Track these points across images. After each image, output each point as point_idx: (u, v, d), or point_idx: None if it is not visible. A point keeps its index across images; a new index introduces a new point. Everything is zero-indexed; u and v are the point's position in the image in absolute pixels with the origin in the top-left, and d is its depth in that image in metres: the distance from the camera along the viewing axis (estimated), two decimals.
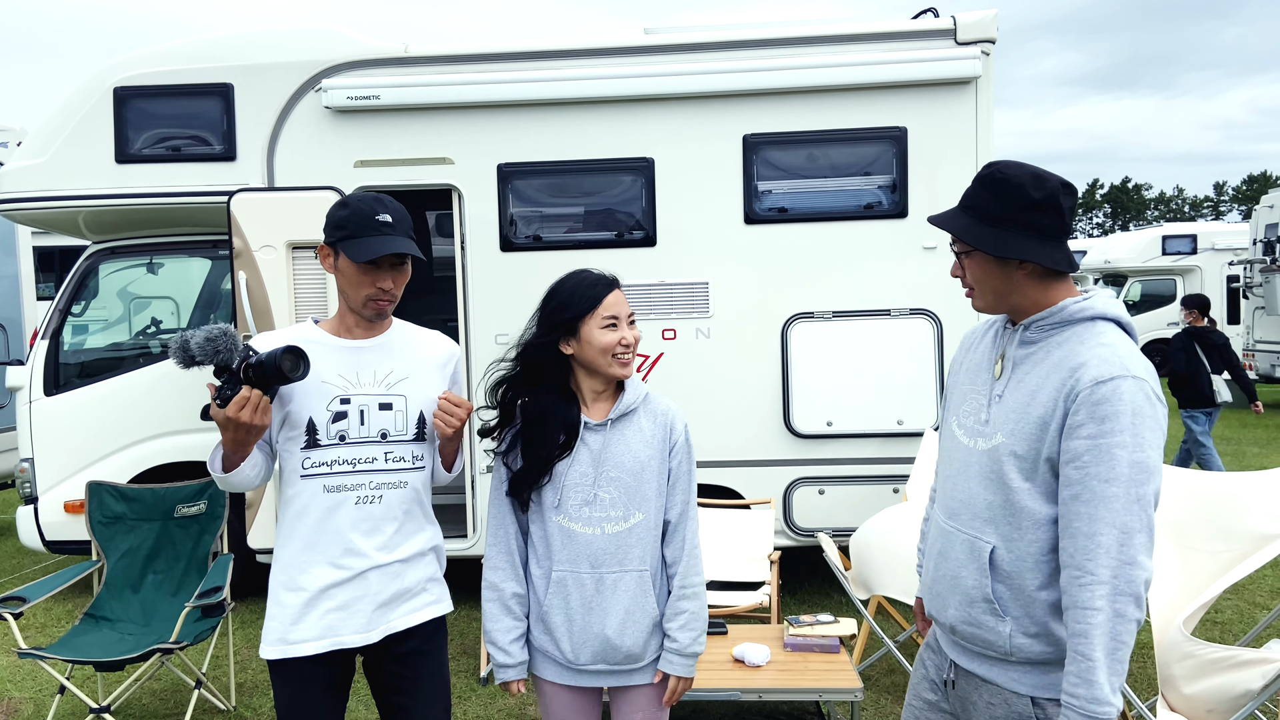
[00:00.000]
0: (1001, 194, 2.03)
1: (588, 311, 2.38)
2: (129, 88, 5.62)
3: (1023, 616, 2.01)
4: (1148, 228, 26.24)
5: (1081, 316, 2.02)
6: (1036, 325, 2.06)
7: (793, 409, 5.55)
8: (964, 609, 2.08)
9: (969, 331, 2.36)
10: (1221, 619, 5.48)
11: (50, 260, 12.94)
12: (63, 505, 5.94)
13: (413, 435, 2.49)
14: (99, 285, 6.25)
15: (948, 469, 2.20)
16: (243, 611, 5.88)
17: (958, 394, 2.23)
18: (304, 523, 2.41)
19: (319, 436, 2.39)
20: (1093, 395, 1.89)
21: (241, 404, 2.23)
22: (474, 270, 5.63)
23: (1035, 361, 2.03)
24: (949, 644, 2.20)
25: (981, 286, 2.10)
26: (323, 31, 5.64)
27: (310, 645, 2.39)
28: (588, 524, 2.39)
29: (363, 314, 2.46)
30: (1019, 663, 2.03)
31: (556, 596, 2.41)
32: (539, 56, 5.52)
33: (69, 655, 4.09)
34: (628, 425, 2.45)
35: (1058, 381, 1.96)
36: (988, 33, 5.39)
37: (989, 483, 2.05)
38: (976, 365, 2.20)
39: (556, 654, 2.44)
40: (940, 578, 2.16)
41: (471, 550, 5.59)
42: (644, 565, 2.42)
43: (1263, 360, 14.88)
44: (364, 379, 2.45)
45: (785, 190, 5.58)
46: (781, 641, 4.00)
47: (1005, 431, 2.02)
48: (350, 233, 2.37)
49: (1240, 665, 3.22)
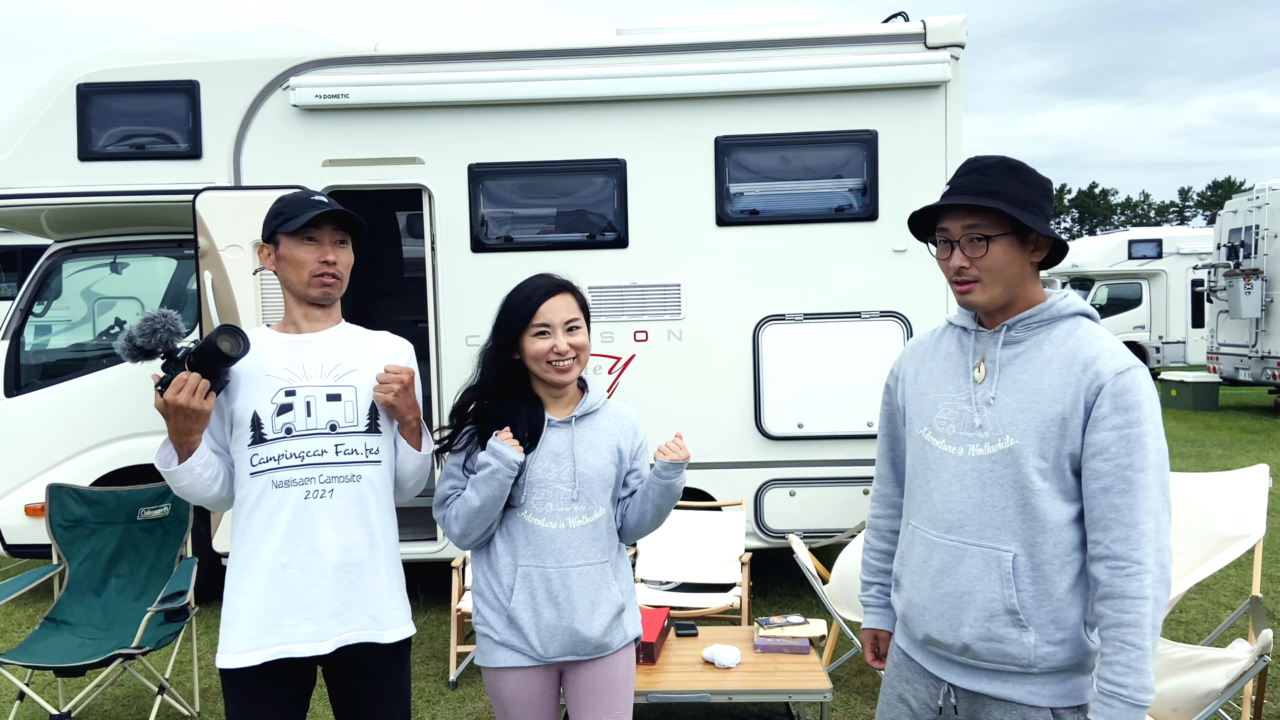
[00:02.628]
0: (1025, 180, 2.00)
1: (524, 323, 2.40)
2: (92, 84, 5.53)
3: (1048, 624, 1.95)
4: (1114, 232, 26.58)
5: (1068, 313, 2.03)
6: (1022, 324, 2.03)
7: (764, 411, 5.56)
8: (982, 625, 1.98)
9: (913, 343, 2.31)
10: (1186, 618, 5.54)
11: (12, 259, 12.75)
12: (23, 508, 5.84)
13: (364, 427, 2.40)
14: (61, 285, 6.15)
15: (932, 481, 2.10)
16: (207, 616, 5.80)
17: (925, 403, 2.15)
18: (253, 522, 2.33)
19: (264, 430, 2.33)
20: (1115, 386, 1.89)
21: (180, 386, 2.19)
22: (444, 271, 5.59)
23: (1026, 360, 2.00)
24: (947, 667, 2.10)
25: (996, 275, 2.00)
26: (291, 29, 5.59)
27: (257, 654, 2.29)
28: (552, 519, 2.39)
29: (310, 295, 2.41)
30: (1040, 674, 1.97)
31: (523, 593, 2.39)
32: (510, 56, 5.50)
33: (29, 660, 4.01)
34: (591, 424, 2.48)
35: (1066, 377, 1.94)
36: (957, 37, 5.43)
37: (998, 489, 1.98)
38: (942, 372, 2.14)
39: (525, 648, 2.42)
40: (944, 596, 2.04)
41: (440, 554, 5.55)
42: (605, 557, 2.46)
43: (1226, 363, 15.12)
44: (310, 371, 2.39)
45: (757, 193, 5.59)
46: (752, 643, 4.00)
47: (1016, 433, 1.96)
48: (287, 215, 2.37)
49: (1205, 664, 3.26)
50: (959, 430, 2.05)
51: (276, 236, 2.39)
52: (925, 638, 2.10)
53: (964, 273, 2.02)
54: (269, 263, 2.43)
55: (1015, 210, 1.96)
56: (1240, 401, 16.44)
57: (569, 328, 2.41)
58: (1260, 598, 3.74)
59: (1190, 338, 19.56)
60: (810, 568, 4.63)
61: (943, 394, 2.11)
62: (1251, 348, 14.38)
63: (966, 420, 2.04)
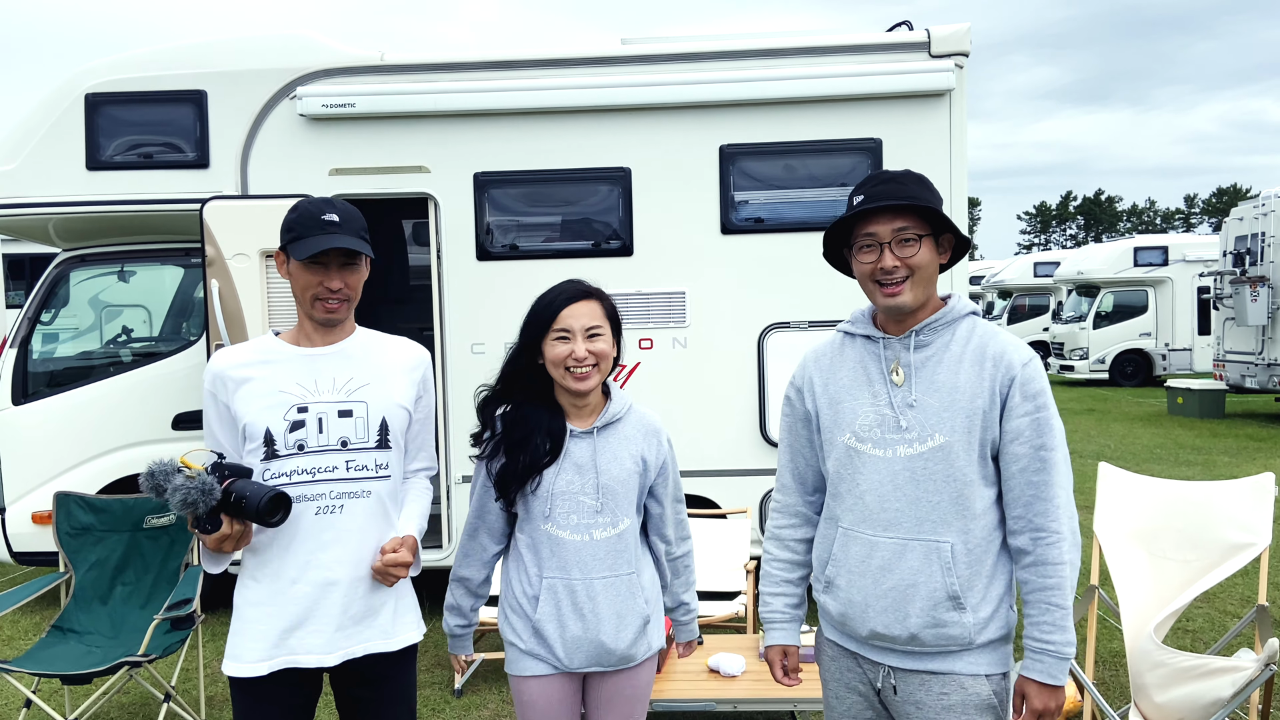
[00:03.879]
0: (931, 189, 2.18)
1: (545, 326, 2.40)
2: (101, 94, 5.56)
3: (980, 602, 2.11)
4: (1120, 239, 26.52)
5: (964, 313, 2.20)
6: (929, 328, 2.17)
7: (769, 419, 5.56)
8: (927, 614, 2.11)
9: (813, 354, 2.37)
10: (1192, 627, 5.52)
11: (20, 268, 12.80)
12: (30, 516, 5.85)
13: (375, 443, 2.40)
14: (69, 293, 6.18)
15: (862, 484, 2.17)
16: (213, 624, 5.81)
17: (842, 410, 2.22)
18: (264, 535, 2.35)
19: (277, 447, 2.33)
20: (1023, 376, 2.10)
21: (222, 539, 2.23)
22: (450, 280, 5.61)
23: (938, 362, 2.14)
24: (887, 654, 2.19)
25: (921, 275, 2.14)
26: (298, 39, 5.61)
27: (264, 664, 2.32)
28: (576, 531, 2.39)
29: (313, 316, 2.41)
30: (978, 648, 2.13)
31: (548, 604, 2.40)
32: (516, 66, 5.52)
33: (35, 668, 4.02)
34: (614, 434, 2.47)
35: (980, 373, 2.11)
36: (961, 46, 5.44)
37: (931, 484, 2.11)
38: (853, 380, 2.23)
39: (549, 657, 2.44)
40: (888, 591, 2.14)
41: (445, 561, 5.55)
42: (632, 569, 2.46)
43: (1233, 370, 15.08)
44: (322, 386, 2.39)
45: (761, 200, 5.61)
46: (757, 651, 4.00)
47: (945, 430, 2.10)
48: (297, 234, 2.36)
49: (1211, 673, 3.26)
50: (884, 434, 2.16)
51: (287, 251, 2.40)
52: (870, 633, 2.19)
53: (895, 273, 2.13)
54: (283, 272, 2.44)
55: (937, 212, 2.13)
56: (1247, 409, 16.39)
57: (590, 334, 2.40)
58: (1266, 606, 3.73)
59: (1196, 345, 19.54)
60: None
61: (860, 401, 2.21)
62: (1258, 355, 14.34)
63: (890, 423, 2.15)
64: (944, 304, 2.22)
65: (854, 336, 2.29)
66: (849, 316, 2.33)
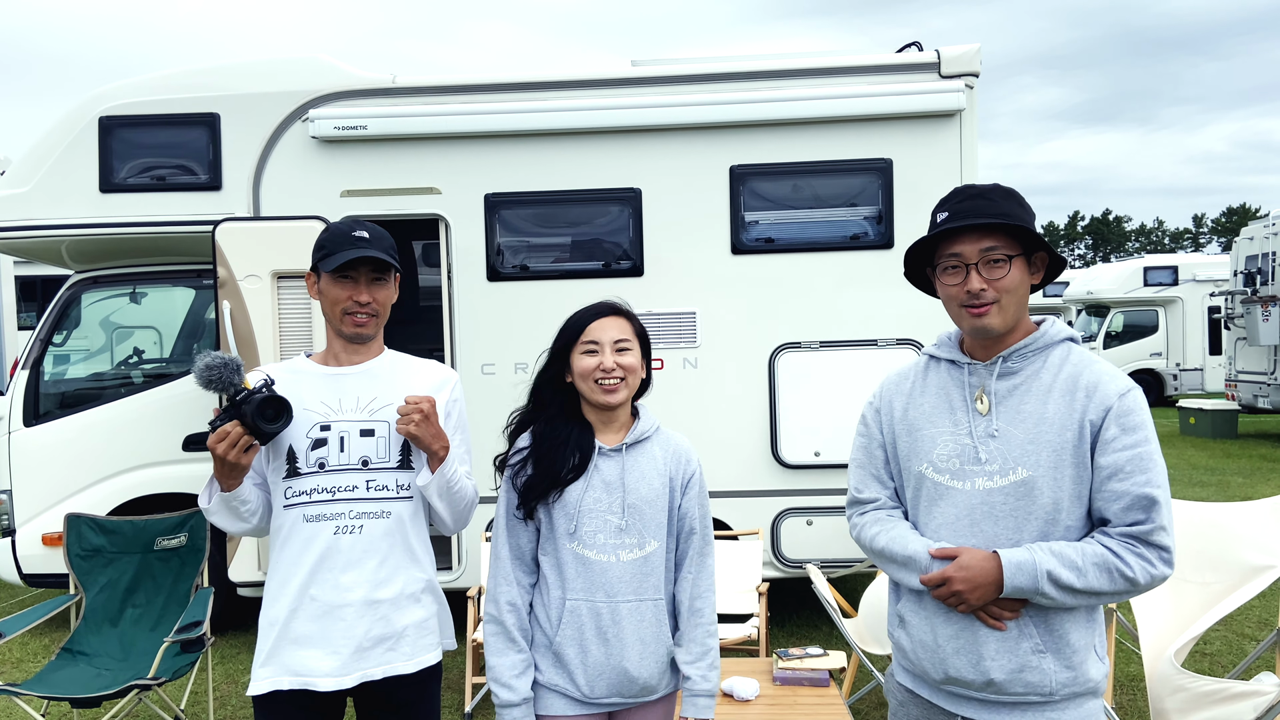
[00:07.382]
0: (1022, 204, 2.05)
1: (574, 338, 2.39)
2: (114, 117, 5.60)
3: (1062, 647, 1.96)
4: (1129, 259, 26.48)
5: (1059, 339, 2.06)
6: (1018, 354, 2.04)
7: (780, 439, 5.54)
8: (1008, 657, 1.96)
9: (895, 376, 2.25)
10: (1211, 650, 5.46)
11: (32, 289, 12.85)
12: (41, 538, 5.85)
13: (396, 463, 2.40)
14: (81, 315, 6.20)
15: (938, 517, 2.05)
16: (223, 646, 5.79)
17: (921, 439, 2.10)
18: (285, 554, 2.36)
19: (299, 465, 2.35)
20: (1120, 407, 1.94)
21: (221, 437, 2.21)
22: (460, 300, 5.62)
23: (1026, 391, 2.02)
24: (963, 704, 2.05)
25: (1011, 298, 2.00)
26: (310, 62, 5.65)
27: (284, 681, 2.32)
28: (603, 551, 2.33)
29: (342, 331, 2.43)
30: (1061, 700, 1.97)
31: (570, 627, 2.32)
32: (526, 88, 5.55)
33: (45, 691, 4.00)
34: (642, 452, 2.43)
35: (1071, 404, 1.96)
36: (971, 66, 5.45)
37: (1011, 520, 1.97)
38: (934, 408, 2.11)
39: (570, 688, 2.33)
40: (958, 631, 2.00)
41: (456, 583, 5.53)
42: (659, 594, 2.38)
43: (1245, 391, 14.99)
44: (346, 405, 2.40)
45: (772, 221, 5.60)
46: (771, 675, 3.96)
47: (1029, 464, 1.96)
48: (328, 250, 2.39)
49: (1232, 698, 3.21)
50: (962, 465, 2.03)
51: (318, 268, 2.42)
52: (945, 677, 2.04)
53: (982, 295, 1.99)
54: (313, 292, 2.46)
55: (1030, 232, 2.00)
56: (1260, 429, 16.29)
57: (618, 348, 2.39)
58: None
59: (1208, 365, 19.44)
60: (830, 599, 4.58)
61: (940, 429, 2.08)
62: (1270, 375, 14.26)
63: (970, 454, 2.02)
64: (1036, 328, 2.07)
65: (939, 361, 2.17)
66: (934, 339, 2.21)
